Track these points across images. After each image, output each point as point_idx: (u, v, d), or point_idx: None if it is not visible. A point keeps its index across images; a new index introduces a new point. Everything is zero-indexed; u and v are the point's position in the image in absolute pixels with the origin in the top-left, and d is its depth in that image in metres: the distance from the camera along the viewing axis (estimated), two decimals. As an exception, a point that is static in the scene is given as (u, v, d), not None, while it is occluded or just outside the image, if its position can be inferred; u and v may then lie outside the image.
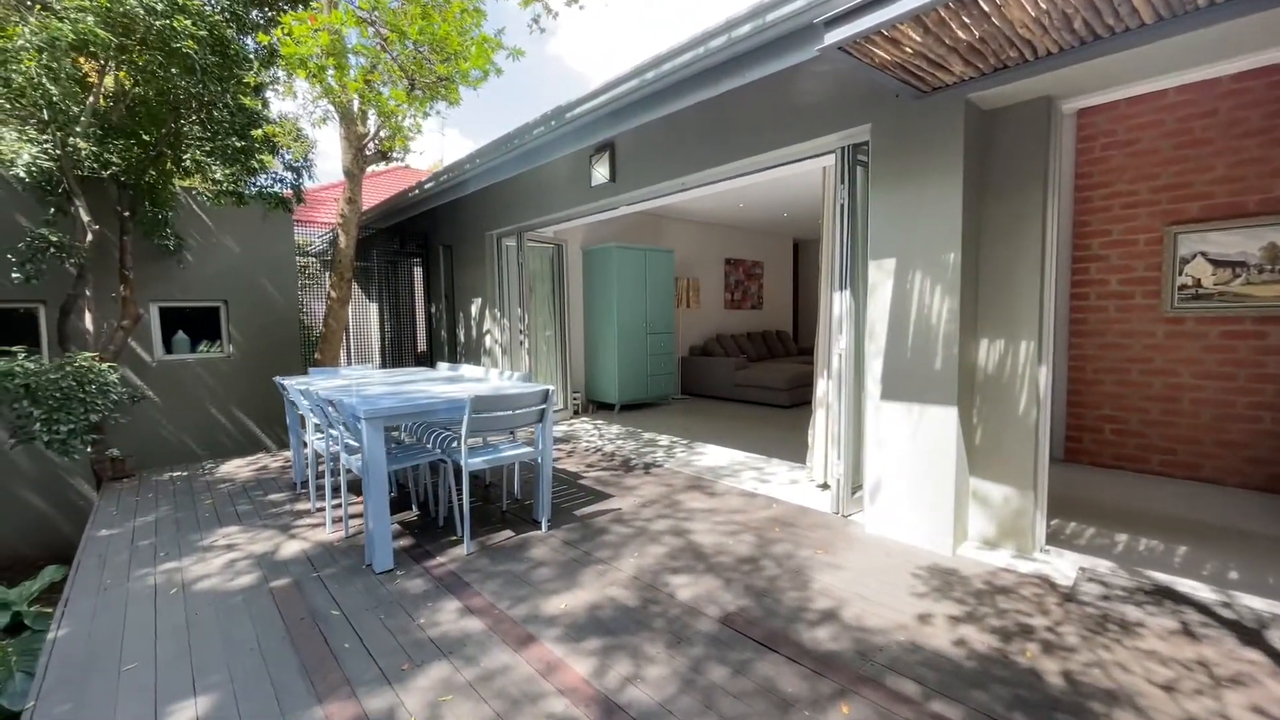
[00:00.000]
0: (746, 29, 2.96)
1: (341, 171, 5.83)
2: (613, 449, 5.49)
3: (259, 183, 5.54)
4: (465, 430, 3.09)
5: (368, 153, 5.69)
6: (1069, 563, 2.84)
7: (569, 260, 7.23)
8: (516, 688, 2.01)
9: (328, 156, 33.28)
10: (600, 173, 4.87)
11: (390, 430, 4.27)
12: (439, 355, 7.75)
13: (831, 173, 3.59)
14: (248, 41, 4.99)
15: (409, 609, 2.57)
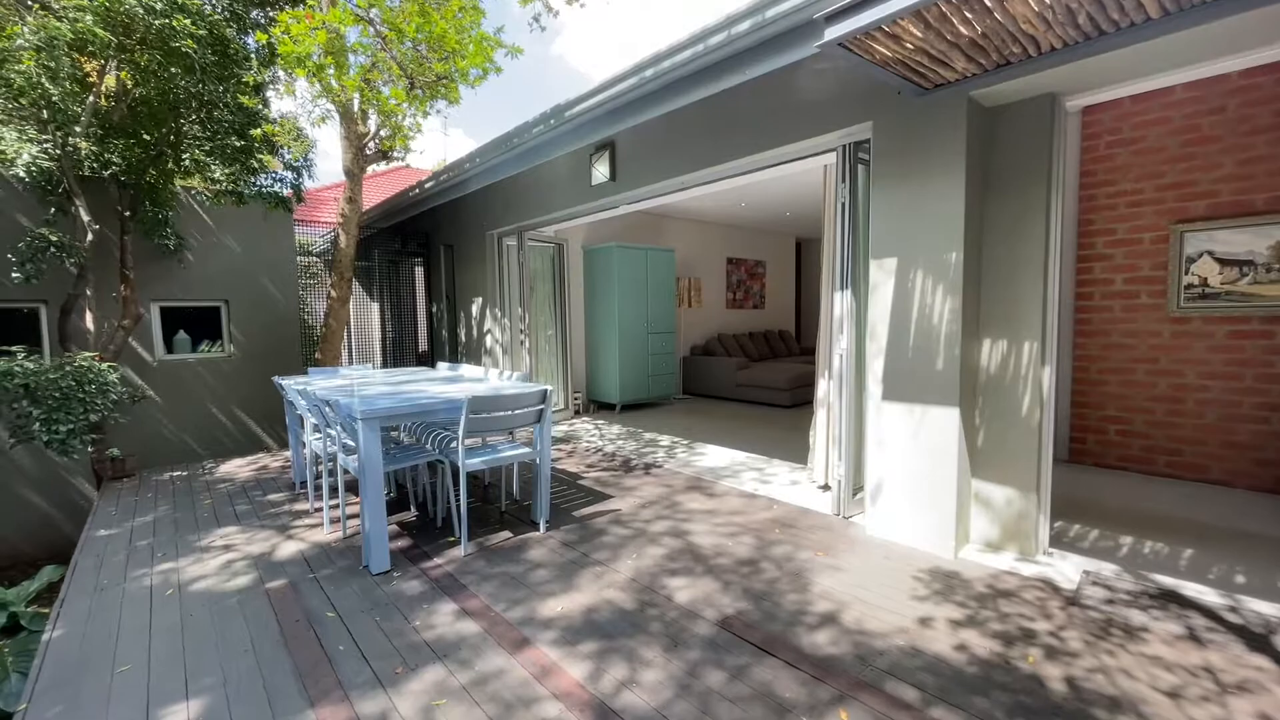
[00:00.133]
0: (746, 25, 2.93)
1: (342, 171, 5.83)
2: (613, 449, 5.47)
3: (259, 182, 5.54)
4: (462, 431, 3.08)
5: (368, 152, 5.68)
6: (1073, 566, 2.80)
7: (570, 259, 7.20)
8: (510, 692, 1.99)
9: (328, 156, 33.35)
10: (600, 171, 4.85)
11: (389, 430, 4.26)
12: (440, 355, 7.73)
13: (832, 171, 3.56)
14: (248, 40, 4.98)
15: (405, 611, 2.55)
